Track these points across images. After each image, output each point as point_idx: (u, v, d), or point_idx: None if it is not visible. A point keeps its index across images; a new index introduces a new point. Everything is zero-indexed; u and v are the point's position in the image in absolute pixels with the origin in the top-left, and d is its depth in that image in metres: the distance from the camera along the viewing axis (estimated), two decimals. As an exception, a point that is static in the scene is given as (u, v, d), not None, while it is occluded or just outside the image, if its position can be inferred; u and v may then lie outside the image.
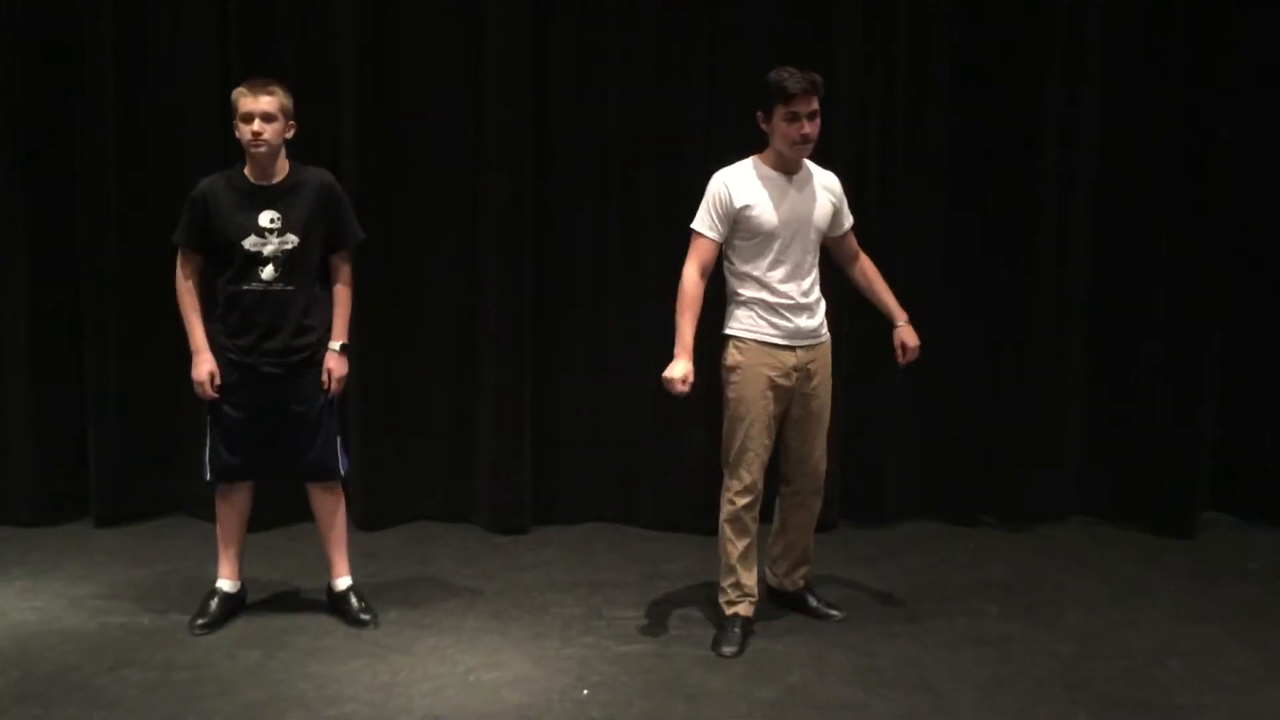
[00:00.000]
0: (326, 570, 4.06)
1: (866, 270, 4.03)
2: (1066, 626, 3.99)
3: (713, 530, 4.91)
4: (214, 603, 3.94)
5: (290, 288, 3.76)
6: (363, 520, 4.95)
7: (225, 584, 4.00)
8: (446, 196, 4.92)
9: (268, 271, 3.74)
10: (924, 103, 4.92)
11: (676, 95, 4.84)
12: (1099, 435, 5.15)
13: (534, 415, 4.95)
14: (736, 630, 3.81)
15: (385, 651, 3.73)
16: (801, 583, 4.08)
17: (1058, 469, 5.13)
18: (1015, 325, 5.02)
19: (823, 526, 4.95)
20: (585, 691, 3.47)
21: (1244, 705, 3.44)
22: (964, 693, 3.49)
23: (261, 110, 3.69)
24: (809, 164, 3.82)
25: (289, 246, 3.75)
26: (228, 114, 4.68)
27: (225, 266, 3.78)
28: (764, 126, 3.72)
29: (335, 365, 3.86)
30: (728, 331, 3.80)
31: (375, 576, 4.40)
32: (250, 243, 3.72)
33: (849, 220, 3.94)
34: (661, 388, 3.71)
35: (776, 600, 4.08)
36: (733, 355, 3.77)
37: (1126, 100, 4.93)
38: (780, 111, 3.63)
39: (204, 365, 3.80)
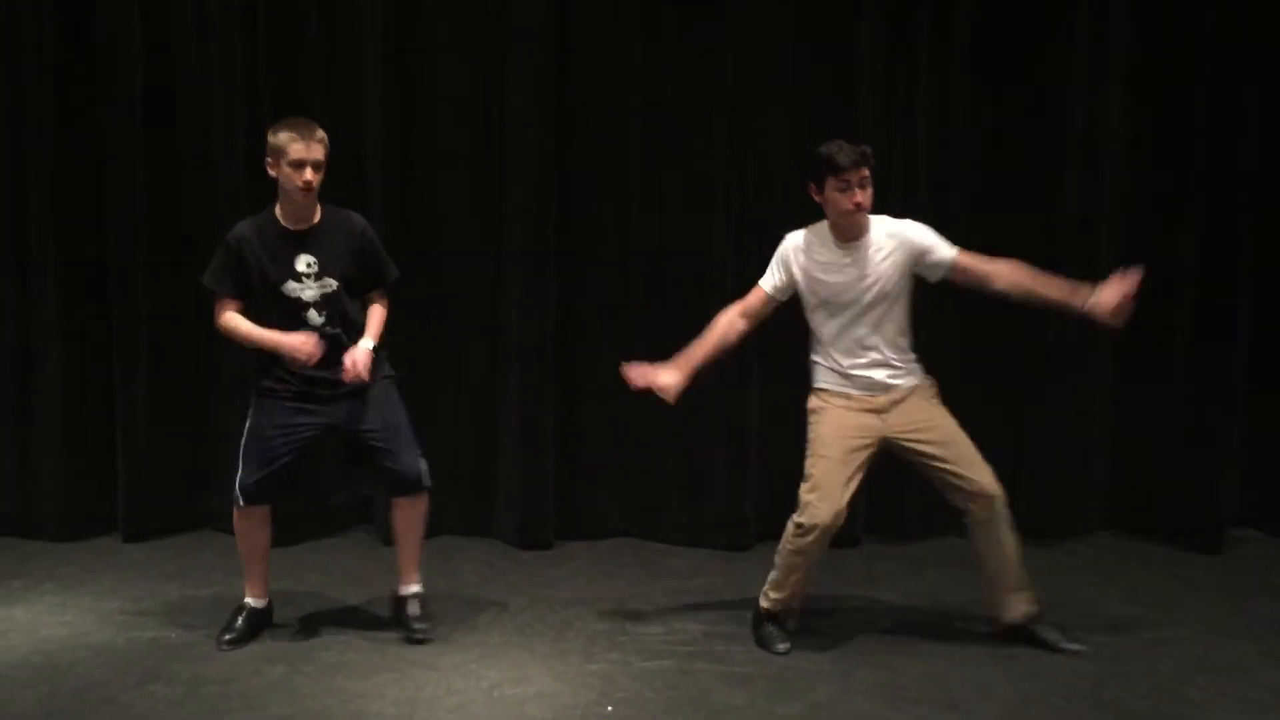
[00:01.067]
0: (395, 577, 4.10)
1: (1012, 279, 3.83)
2: (1093, 644, 3.95)
3: (738, 546, 4.95)
4: (241, 619, 3.96)
5: (338, 330, 3.79)
6: (387, 535, 4.96)
7: (253, 600, 4.02)
8: (471, 214, 4.95)
9: (312, 315, 3.76)
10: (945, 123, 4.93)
11: (699, 112, 4.85)
12: (1125, 450, 5.11)
13: (558, 430, 4.97)
14: (769, 627, 3.91)
15: (410, 666, 3.74)
16: (1021, 616, 3.90)
17: (1083, 484, 5.10)
18: (1039, 338, 4.99)
19: (847, 542, 4.98)
20: (609, 708, 3.47)
21: (1274, 724, 3.41)
22: (990, 710, 3.47)
23: (314, 159, 3.71)
24: (881, 223, 3.81)
25: (329, 290, 3.77)
26: (255, 130, 4.80)
27: (268, 311, 3.79)
28: (816, 199, 3.79)
29: (360, 357, 3.74)
30: (813, 382, 3.94)
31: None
32: (290, 288, 3.74)
33: (945, 254, 3.80)
34: (682, 403, 3.84)
35: (1011, 636, 3.91)
36: (813, 400, 3.94)
37: (1154, 102, 4.92)
38: (831, 183, 3.71)
39: (288, 340, 3.67)
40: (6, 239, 4.98)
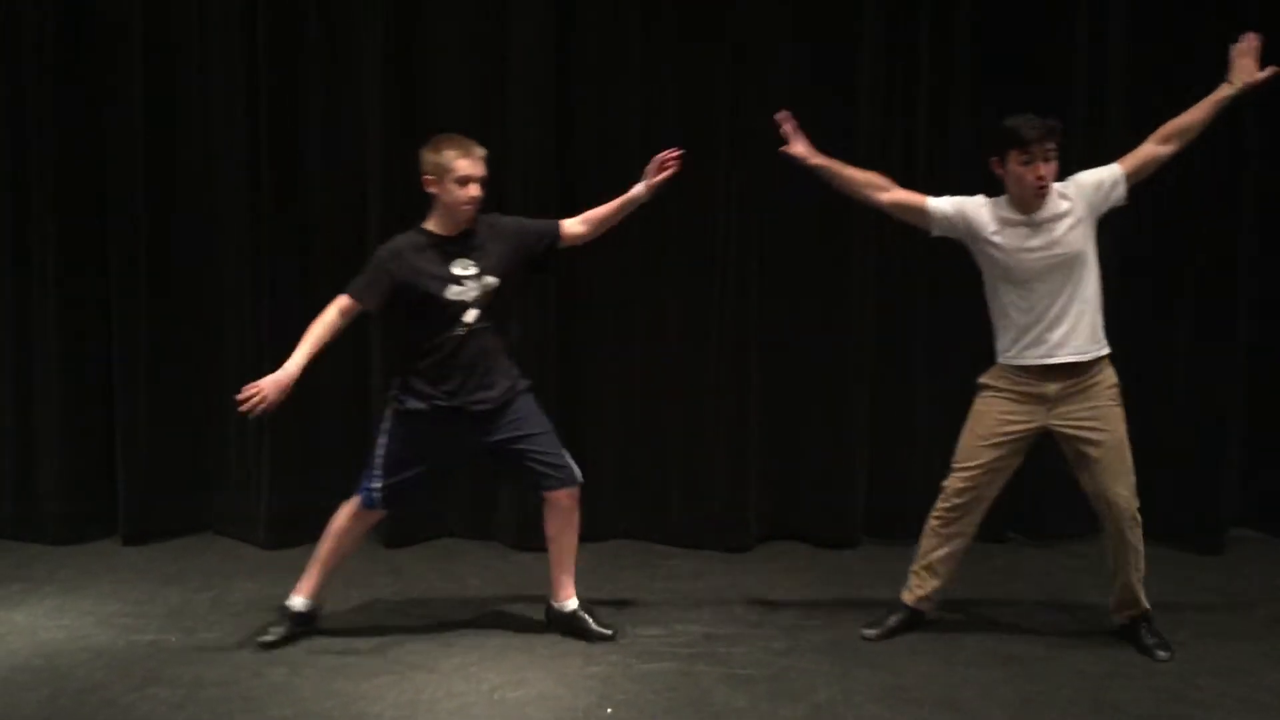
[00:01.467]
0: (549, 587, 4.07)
1: (1169, 139, 3.78)
2: (1096, 645, 3.95)
3: (739, 548, 4.95)
4: (288, 625, 3.95)
5: (489, 325, 3.83)
6: (388, 537, 4.97)
7: (301, 601, 3.99)
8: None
9: (469, 315, 3.78)
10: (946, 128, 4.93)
11: (699, 112, 4.86)
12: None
13: (558, 431, 4.94)
14: (890, 617, 3.97)
15: (409, 669, 3.73)
16: (1126, 620, 3.94)
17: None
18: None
19: (848, 543, 4.99)
20: (609, 710, 3.46)
21: (1277, 725, 3.41)
22: (992, 712, 3.46)
23: (480, 175, 3.76)
24: (1059, 189, 3.76)
25: (491, 288, 3.81)
26: (254, 130, 4.80)
27: (421, 320, 3.80)
28: (998, 172, 3.75)
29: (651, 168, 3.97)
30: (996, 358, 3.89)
31: (400, 593, 4.42)
32: (451, 292, 3.76)
33: (1115, 174, 3.75)
34: (686, 401, 3.79)
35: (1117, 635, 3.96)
36: (987, 374, 3.90)
37: (1155, 103, 4.91)
38: (1015, 156, 3.66)
39: (277, 384, 3.64)
40: (6, 239, 4.99)
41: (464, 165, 3.73)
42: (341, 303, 3.80)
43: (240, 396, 3.60)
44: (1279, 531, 5.11)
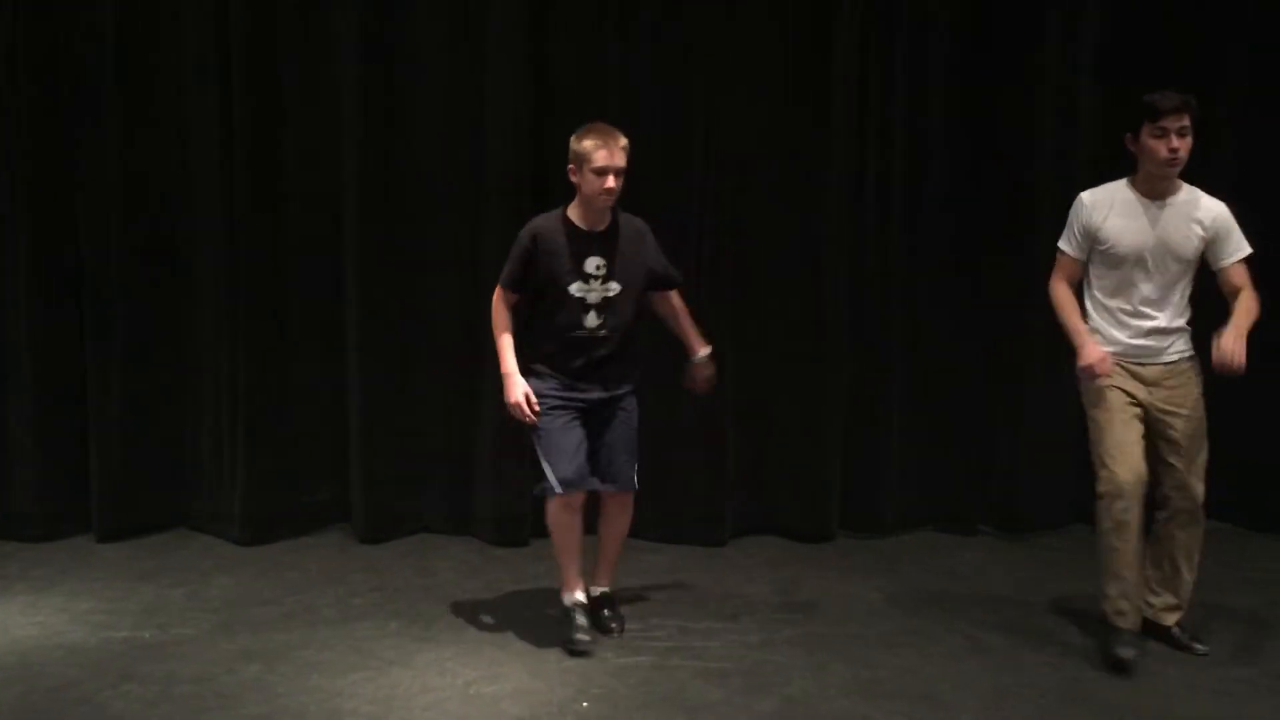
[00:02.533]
0: (588, 575, 4.07)
1: (1240, 298, 3.71)
2: (1067, 637, 3.99)
3: (714, 543, 4.97)
4: (580, 615, 3.91)
5: (612, 334, 3.82)
6: (364, 532, 4.97)
7: (581, 595, 3.97)
8: (450, 213, 4.93)
9: (591, 318, 3.79)
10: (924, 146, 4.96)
11: (674, 113, 4.86)
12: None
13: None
14: (1119, 638, 3.73)
15: (386, 664, 3.73)
16: (1172, 622, 3.89)
17: (1057, 478, 5.13)
18: (1013, 334, 5.03)
19: (823, 537, 5.02)
20: (585, 704, 3.47)
21: (1246, 715, 3.44)
22: (965, 703, 3.49)
23: (617, 166, 3.74)
24: (1190, 192, 3.74)
25: (611, 294, 3.80)
26: (227, 116, 4.77)
27: (547, 305, 3.81)
28: (1132, 148, 3.74)
29: (707, 369, 4.02)
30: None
31: (376, 589, 4.41)
32: (576, 288, 3.77)
33: (1230, 257, 3.71)
34: (661, 396, 3.88)
35: (1144, 631, 3.86)
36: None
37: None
38: (1148, 129, 3.65)
39: (517, 389, 3.77)
40: (-23, 237, 4.94)
41: (602, 156, 3.71)
42: (503, 296, 3.86)
43: (517, 418, 3.78)
44: (1252, 524, 5.17)
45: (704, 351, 4.03)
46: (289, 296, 4.97)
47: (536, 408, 3.78)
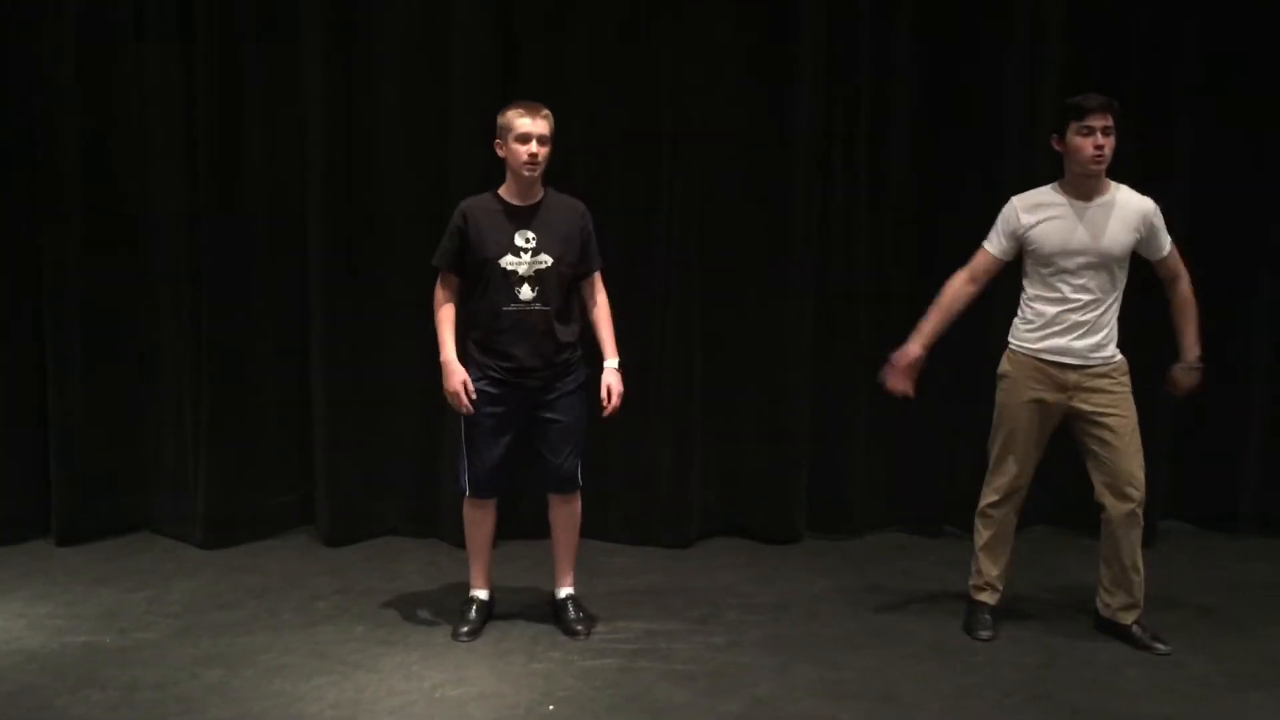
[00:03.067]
0: (550, 578, 4.17)
1: (1176, 298, 3.93)
2: (1030, 637, 4.03)
3: (681, 544, 4.98)
4: (473, 610, 4.03)
5: (547, 307, 3.82)
6: (328, 535, 4.93)
7: (481, 593, 4.08)
8: (414, 213, 4.90)
9: (525, 291, 3.80)
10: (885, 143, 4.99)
11: (641, 113, 4.87)
12: (1058, 446, 5.19)
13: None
14: (982, 615, 4.02)
15: (350, 668, 3.71)
16: (1130, 621, 3.95)
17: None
18: (977, 335, 5.06)
19: (789, 538, 5.03)
20: (551, 707, 3.47)
21: (1205, 714, 3.49)
22: (929, 704, 3.52)
23: (539, 133, 3.78)
24: (1119, 191, 3.82)
25: (543, 266, 3.81)
26: (194, 127, 4.74)
27: (482, 286, 3.83)
28: (1059, 149, 3.82)
29: (615, 382, 3.92)
30: (1008, 340, 3.97)
31: (340, 592, 4.38)
32: (507, 261, 3.79)
33: (1165, 248, 3.86)
34: (627, 398, 3.91)
35: (1103, 630, 4.01)
36: (1004, 363, 3.98)
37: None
38: (1074, 128, 3.74)
39: (455, 376, 3.81)
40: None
41: (524, 124, 3.76)
42: (442, 280, 3.89)
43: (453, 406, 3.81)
44: (1207, 523, 5.24)
45: (611, 361, 3.96)
46: (251, 298, 4.92)
47: (473, 396, 3.79)
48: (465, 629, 3.96)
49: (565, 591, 4.12)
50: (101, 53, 4.80)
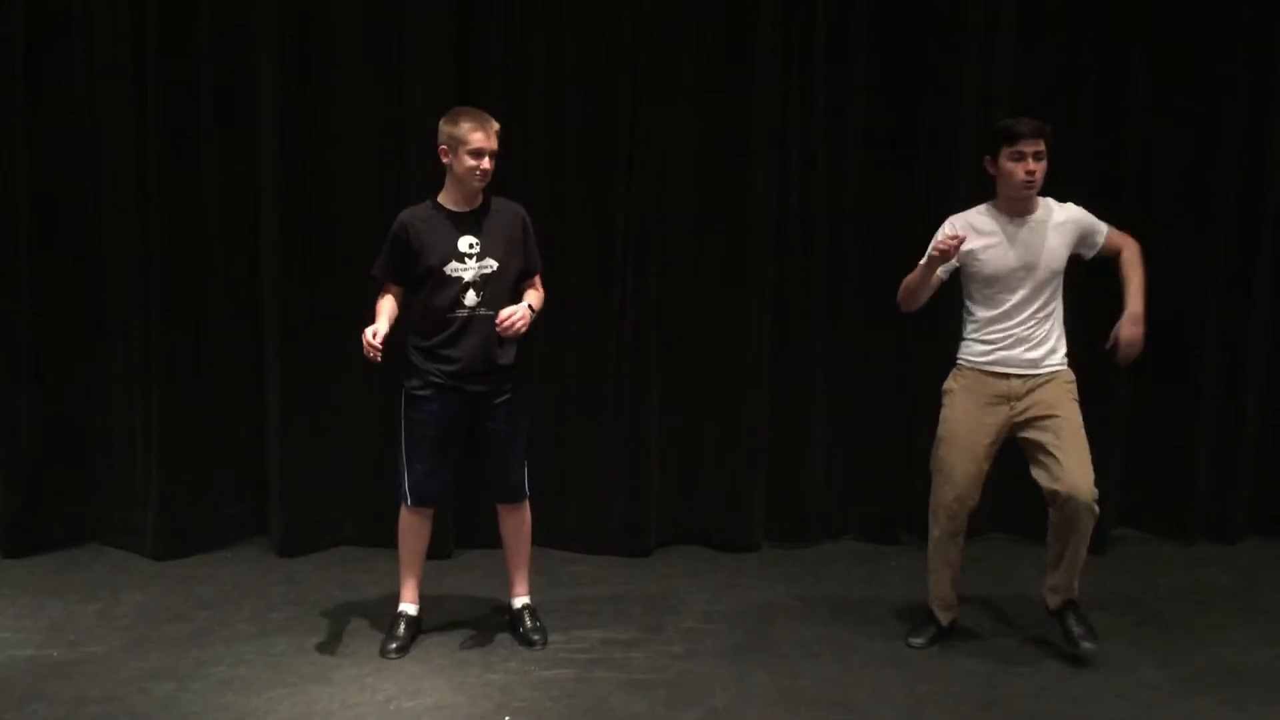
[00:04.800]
0: (506, 589, 4.16)
1: (1123, 261, 3.95)
2: (984, 644, 4.06)
3: (638, 553, 4.97)
4: (402, 626, 3.96)
5: (491, 312, 3.80)
6: (282, 546, 4.88)
7: (410, 607, 4.02)
8: (370, 219, 4.85)
9: (469, 297, 3.80)
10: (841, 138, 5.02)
11: (598, 128, 4.87)
12: (1011, 455, 5.23)
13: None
14: (925, 625, 4.05)
15: (303, 681, 3.67)
16: (1058, 605, 3.99)
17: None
18: (931, 345, 5.10)
19: (747, 546, 5.04)
20: (507, 718, 3.45)
21: (1156, 718, 3.53)
22: (885, 712, 3.53)
23: (492, 148, 3.79)
24: (1047, 204, 3.89)
25: (488, 271, 3.81)
26: (143, 131, 4.67)
27: (426, 293, 3.82)
28: (991, 170, 3.88)
29: (520, 311, 3.78)
30: (956, 358, 4.01)
31: (294, 603, 4.34)
32: (451, 268, 3.78)
33: (1100, 233, 3.92)
34: (585, 407, 3.84)
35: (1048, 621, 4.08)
36: (949, 381, 4.01)
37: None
38: (1006, 152, 3.79)
39: (370, 328, 3.69)
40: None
41: (478, 138, 3.76)
42: (383, 291, 3.86)
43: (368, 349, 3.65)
44: (1158, 530, 5.30)
45: (523, 305, 3.85)
46: (204, 305, 4.87)
47: (377, 343, 3.66)
48: (394, 646, 3.89)
49: (521, 601, 4.10)
50: (49, 50, 4.73)
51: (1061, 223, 3.90)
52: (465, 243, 3.81)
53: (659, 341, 4.97)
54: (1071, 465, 3.81)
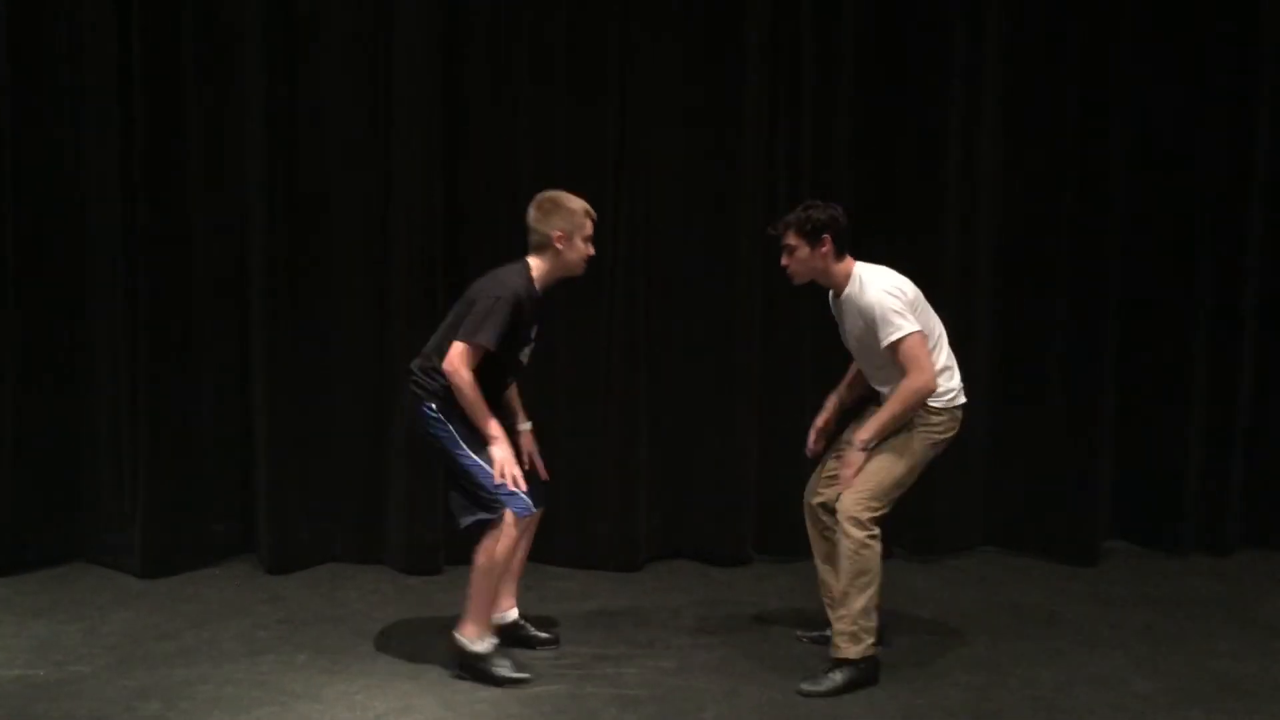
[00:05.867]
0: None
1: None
2: (976, 656, 4.05)
3: (629, 568, 4.95)
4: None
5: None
6: (270, 563, 4.85)
7: (513, 613, 4.05)
8: (358, 243, 4.87)
9: (510, 376, 3.89)
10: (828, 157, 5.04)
11: (586, 141, 4.87)
12: (1003, 467, 5.26)
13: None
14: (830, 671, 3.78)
15: (292, 699, 3.64)
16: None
17: (966, 502, 5.23)
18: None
19: (737, 561, 5.03)
20: (498, 735, 3.43)
21: (1146, 730, 3.53)
22: (876, 725, 3.52)
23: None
24: (856, 283, 3.80)
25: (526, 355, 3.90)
26: (130, 138, 4.64)
27: (491, 367, 3.72)
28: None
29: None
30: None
31: (283, 621, 4.31)
32: (524, 354, 3.86)
33: (882, 341, 3.72)
34: (574, 421, 3.80)
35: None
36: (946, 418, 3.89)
37: (1027, 138, 5.12)
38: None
39: (499, 455, 3.70)
40: None
41: (591, 225, 3.78)
42: (473, 356, 3.65)
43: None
44: (1150, 542, 5.31)
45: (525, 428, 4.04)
46: (191, 322, 4.85)
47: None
48: (520, 672, 3.79)
49: (514, 614, 4.07)
50: (33, 64, 4.71)
51: (862, 304, 3.78)
52: (534, 330, 3.85)
53: (648, 355, 4.97)
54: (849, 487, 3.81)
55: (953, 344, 3.98)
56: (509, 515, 3.70)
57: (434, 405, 3.74)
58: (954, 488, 5.18)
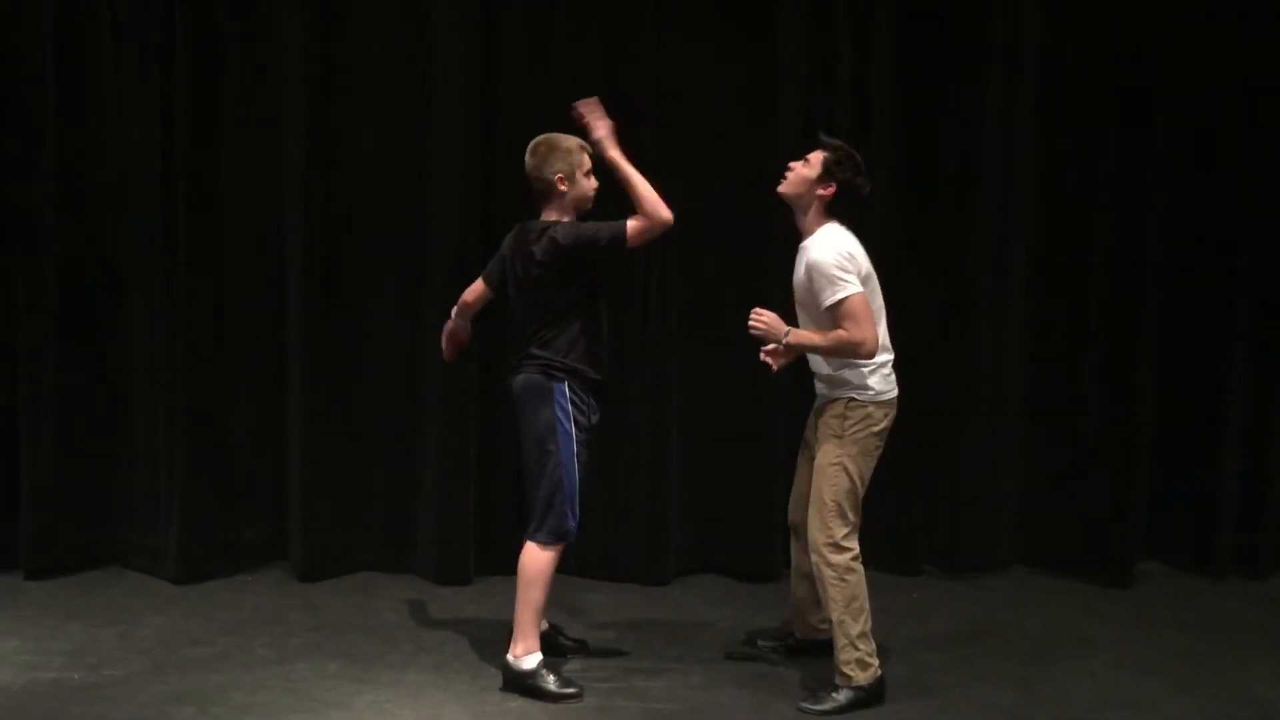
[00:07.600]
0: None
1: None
2: (1008, 677, 4.02)
3: (658, 581, 4.94)
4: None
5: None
6: (303, 570, 4.88)
7: (544, 623, 3.98)
8: (392, 251, 4.90)
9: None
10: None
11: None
12: (1037, 487, 5.22)
13: (478, 467, 4.92)
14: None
15: (322, 707, 3.66)
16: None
17: (996, 520, 5.19)
18: (955, 377, 5.09)
19: (766, 576, 5.01)
20: (527, 746, 3.43)
21: (1181, 755, 3.49)
22: (906, 744, 3.50)
23: None
24: (817, 235, 3.73)
25: None
26: (170, 136, 4.70)
27: (597, 310, 3.85)
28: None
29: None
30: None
31: (314, 629, 4.33)
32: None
33: (822, 304, 3.66)
34: (605, 433, 3.94)
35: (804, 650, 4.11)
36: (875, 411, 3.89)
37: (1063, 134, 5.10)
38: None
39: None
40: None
41: (588, 160, 3.74)
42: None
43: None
44: (1185, 564, 5.24)
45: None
46: (227, 331, 4.89)
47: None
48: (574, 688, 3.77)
49: (544, 623, 4.06)
50: (76, 69, 4.77)
51: (806, 260, 3.71)
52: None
53: (679, 368, 4.96)
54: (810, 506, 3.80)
55: (990, 361, 3.96)
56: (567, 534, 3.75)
57: (569, 385, 3.74)
58: (986, 505, 5.15)
